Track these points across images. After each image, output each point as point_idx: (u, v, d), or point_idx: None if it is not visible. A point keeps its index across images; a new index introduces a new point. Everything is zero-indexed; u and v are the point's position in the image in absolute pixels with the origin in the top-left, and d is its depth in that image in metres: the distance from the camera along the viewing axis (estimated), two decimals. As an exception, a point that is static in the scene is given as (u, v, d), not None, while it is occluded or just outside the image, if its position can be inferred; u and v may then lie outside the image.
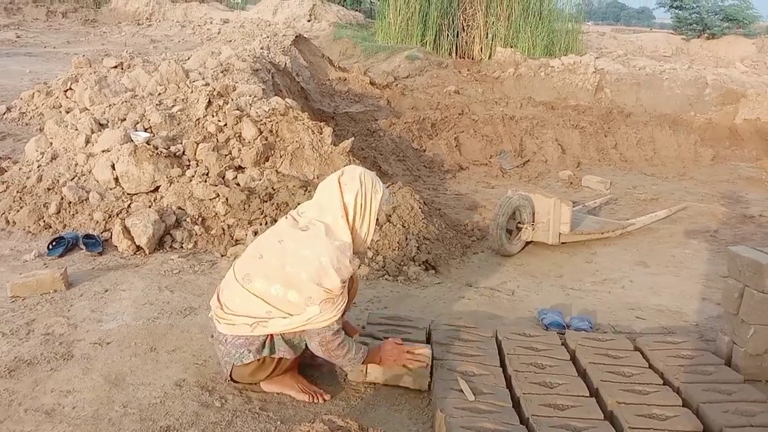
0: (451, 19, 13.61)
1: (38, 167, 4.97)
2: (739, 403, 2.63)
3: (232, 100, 5.59)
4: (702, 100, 10.43)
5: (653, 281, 4.36)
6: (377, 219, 2.70)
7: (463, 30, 13.63)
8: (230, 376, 2.65)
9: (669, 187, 7.15)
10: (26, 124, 7.02)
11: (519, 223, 4.76)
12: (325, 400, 2.67)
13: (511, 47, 12.87)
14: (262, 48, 8.14)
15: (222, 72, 6.26)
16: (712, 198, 6.70)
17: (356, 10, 21.84)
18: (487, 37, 13.39)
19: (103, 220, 4.56)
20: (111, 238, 4.39)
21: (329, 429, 2.01)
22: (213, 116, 5.37)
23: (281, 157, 5.15)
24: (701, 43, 18.43)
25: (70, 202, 4.66)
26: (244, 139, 5.18)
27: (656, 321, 3.70)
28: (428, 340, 3.08)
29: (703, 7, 19.15)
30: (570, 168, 7.65)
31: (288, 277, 2.48)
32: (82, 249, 4.25)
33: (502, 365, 2.91)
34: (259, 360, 2.58)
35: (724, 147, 8.86)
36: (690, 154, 8.39)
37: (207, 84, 5.84)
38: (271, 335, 2.57)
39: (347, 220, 2.56)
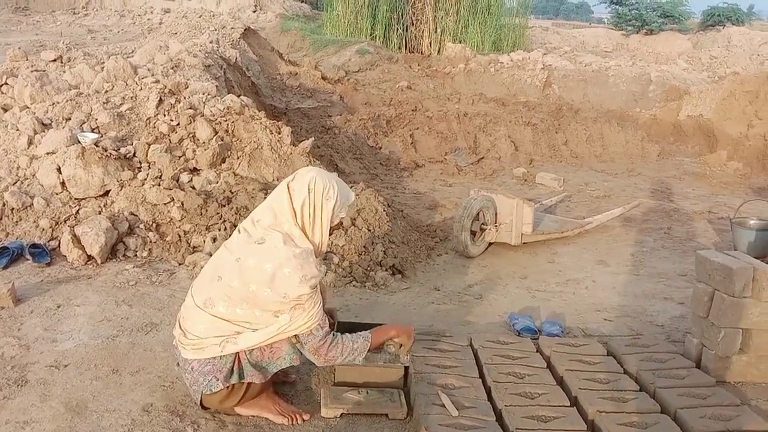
0: (400, 13, 13.53)
1: (-24, 171, 4.65)
2: (714, 408, 2.66)
3: (185, 98, 5.37)
4: (646, 96, 10.73)
5: (615, 281, 4.42)
6: (338, 224, 2.64)
7: (412, 24, 13.58)
8: (200, 403, 2.51)
9: (620, 183, 7.29)
10: (-43, 122, 6.57)
11: (482, 224, 4.74)
12: (304, 420, 2.57)
13: (461, 42, 12.90)
14: (211, 42, 7.87)
15: (172, 68, 6.01)
16: (662, 194, 6.86)
17: (302, 1, 21.49)
18: (436, 32, 13.38)
19: (50, 227, 4.31)
20: (59, 246, 4.14)
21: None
22: (165, 115, 5.14)
23: (239, 158, 4.97)
24: (640, 38, 18.92)
25: (12, 209, 4.38)
26: (198, 140, 4.98)
27: (623, 322, 3.74)
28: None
29: (642, 3, 19.66)
30: (523, 165, 7.71)
31: (253, 297, 2.36)
32: (28, 259, 4.00)
33: (481, 375, 2.87)
34: (227, 387, 2.44)
35: (669, 143, 9.10)
36: (637, 150, 8.58)
37: (157, 81, 5.59)
38: (239, 359, 2.44)
39: (300, 227, 2.45)
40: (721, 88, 9.10)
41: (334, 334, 2.52)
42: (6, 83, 6.57)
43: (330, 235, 2.58)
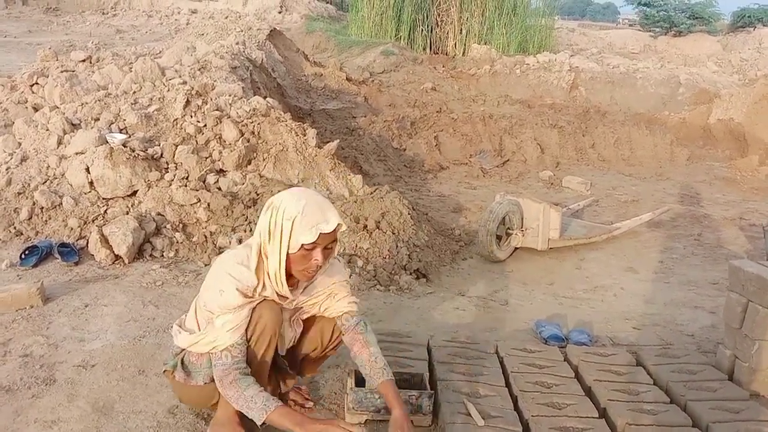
0: (425, 14, 13.50)
1: (7, 170, 4.71)
2: (747, 422, 2.60)
3: (212, 99, 5.39)
4: (675, 99, 10.56)
5: (644, 288, 4.35)
6: (302, 263, 2.18)
7: (437, 25, 13.54)
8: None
9: (648, 187, 7.18)
10: (-10, 121, 6.69)
11: (508, 228, 4.70)
12: None
13: (486, 44, 12.83)
14: (237, 43, 7.90)
15: (199, 69, 6.05)
16: (691, 199, 6.74)
17: (327, 2, 21.54)
18: (461, 33, 13.32)
19: (78, 226, 4.35)
20: (87, 246, 4.18)
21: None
22: (191, 116, 5.17)
23: (264, 159, 4.98)
24: (668, 40, 18.68)
25: (42, 208, 4.43)
26: (225, 141, 5.00)
27: (652, 332, 3.67)
28: (429, 357, 2.98)
29: (671, 4, 19.39)
30: (549, 168, 7.63)
31: (201, 292, 2.35)
32: (56, 258, 4.04)
33: (507, 384, 2.83)
34: (165, 372, 2.45)
35: (699, 146, 8.95)
36: (666, 154, 8.45)
37: (184, 82, 5.63)
38: (183, 350, 2.38)
39: (260, 245, 2.21)
40: (753, 91, 8.92)
41: (243, 375, 2.21)
42: (37, 83, 6.68)
43: (302, 278, 2.26)
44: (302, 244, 2.13)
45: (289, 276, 2.23)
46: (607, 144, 8.41)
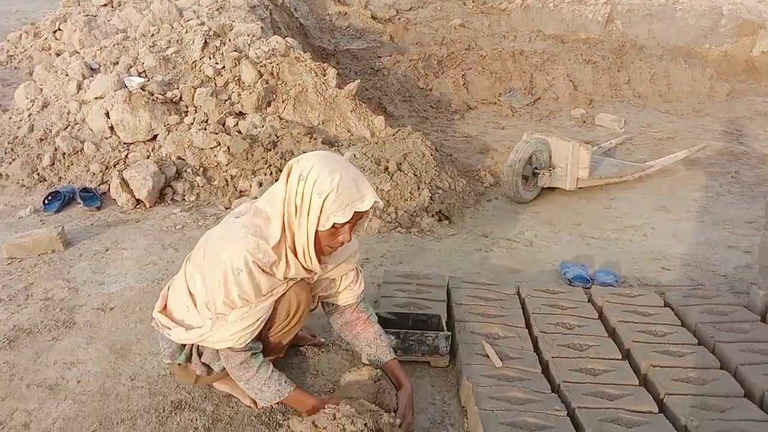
0: (454, -54, 12.92)
1: (29, 116, 4.72)
2: (779, 365, 2.49)
3: (230, 40, 5.28)
4: (717, 31, 10.00)
5: (676, 228, 4.19)
6: (336, 235, 1.99)
7: (467, -42, 12.97)
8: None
9: (685, 124, 6.89)
10: (15, 68, 6.70)
11: (535, 168, 4.55)
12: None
13: (518, -23, 12.27)
14: (257, -18, 7.68)
15: (217, 10, 5.90)
16: (731, 136, 6.45)
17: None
18: (491, -34, 12.75)
19: (100, 171, 4.36)
20: (109, 190, 4.19)
21: (356, 410, 1.86)
22: (210, 58, 5.07)
23: (284, 101, 4.88)
24: (713, -31, 17.67)
25: (64, 153, 4.45)
26: (243, 83, 4.91)
27: (683, 272, 3.54)
28: (448, 299, 2.93)
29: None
30: (582, 105, 7.37)
31: (204, 270, 2.02)
32: (79, 203, 4.06)
33: (527, 326, 2.76)
34: (173, 364, 2.23)
35: (740, 81, 8.53)
36: (705, 89, 8.08)
37: (202, 23, 5.50)
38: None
39: (284, 217, 1.98)
40: (802, 20, 8.40)
41: (254, 356, 2.07)
42: (59, 29, 6.64)
43: (323, 251, 2.03)
44: (334, 223, 1.94)
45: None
46: (643, 80, 8.06)
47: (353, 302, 2.32)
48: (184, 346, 2.16)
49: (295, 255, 2.02)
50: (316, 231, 1.95)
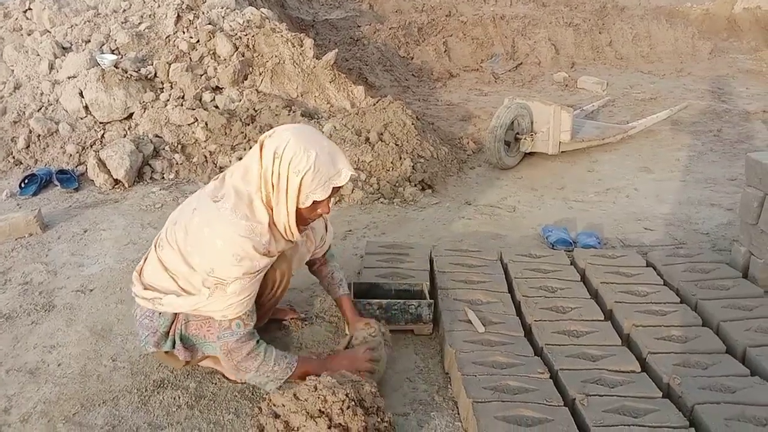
0: None
1: (1, 98, 4.63)
2: (761, 320, 2.50)
3: (203, 13, 5.17)
4: (699, -12, 9.94)
5: (658, 188, 4.19)
6: (314, 209, 2.01)
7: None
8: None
9: (667, 84, 6.87)
10: (-15, 50, 6.54)
11: (517, 134, 4.52)
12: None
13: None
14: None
15: (190, -18, 5.76)
16: (713, 94, 6.44)
17: None
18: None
19: (77, 152, 4.29)
20: (86, 171, 4.13)
21: (337, 380, 1.86)
22: (183, 32, 4.97)
23: (261, 74, 4.81)
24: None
25: (39, 135, 4.37)
26: (219, 57, 4.82)
27: (665, 232, 3.54)
28: (431, 267, 2.92)
29: None
30: (564, 69, 7.33)
31: (187, 256, 2.03)
32: (56, 186, 4.00)
33: (510, 290, 2.76)
34: (159, 352, 2.20)
35: (722, 39, 8.50)
36: (687, 49, 8.05)
37: (175, -4, 5.37)
38: (174, 327, 2.12)
39: (261, 194, 1.98)
40: (784, -26, 8.34)
41: (258, 342, 2.08)
42: (30, 8, 6.45)
43: (305, 223, 2.07)
44: (314, 201, 1.96)
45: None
46: (625, 41, 8.02)
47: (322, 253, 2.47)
48: (168, 333, 2.12)
49: (277, 229, 2.04)
50: (297, 208, 1.97)
